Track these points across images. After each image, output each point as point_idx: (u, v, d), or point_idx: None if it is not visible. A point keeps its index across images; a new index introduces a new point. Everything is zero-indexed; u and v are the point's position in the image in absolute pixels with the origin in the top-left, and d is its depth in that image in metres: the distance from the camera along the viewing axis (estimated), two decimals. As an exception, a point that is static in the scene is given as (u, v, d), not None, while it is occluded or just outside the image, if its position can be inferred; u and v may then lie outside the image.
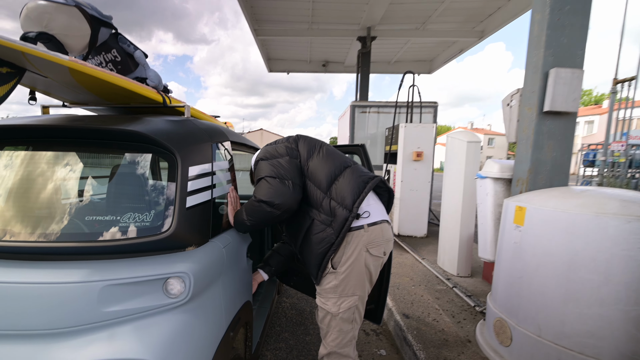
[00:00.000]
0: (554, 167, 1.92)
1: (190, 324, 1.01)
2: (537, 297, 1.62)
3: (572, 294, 1.48)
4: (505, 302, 1.83)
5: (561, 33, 1.78)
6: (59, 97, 1.55)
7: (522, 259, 1.71)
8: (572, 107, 1.80)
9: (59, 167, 1.14)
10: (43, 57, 0.97)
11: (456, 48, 7.68)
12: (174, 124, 1.23)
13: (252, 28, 6.56)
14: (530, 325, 1.65)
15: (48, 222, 1.01)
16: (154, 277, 0.96)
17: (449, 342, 2.10)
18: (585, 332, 1.45)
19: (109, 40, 1.43)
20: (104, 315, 0.91)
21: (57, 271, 0.91)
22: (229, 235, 1.35)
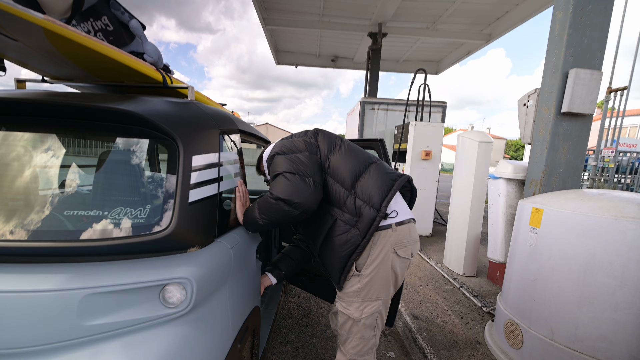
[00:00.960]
0: (567, 169, 1.90)
1: (192, 339, 0.87)
2: (551, 300, 1.60)
3: (587, 298, 1.47)
4: (517, 304, 1.82)
5: (582, 33, 1.75)
6: (37, 69, 1.29)
7: (537, 262, 1.70)
8: (589, 108, 1.77)
9: (33, 151, 0.96)
10: (7, 11, 0.76)
11: (464, 50, 7.68)
12: (175, 106, 1.06)
13: (261, 16, 6.48)
14: (542, 328, 1.64)
15: (19, 216, 0.84)
16: (148, 283, 0.81)
17: (458, 344, 2.09)
18: (598, 336, 1.44)
19: (99, 4, 1.22)
20: (85, 330, 0.76)
21: (27, 277, 0.75)
22: (237, 235, 1.21)
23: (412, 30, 6.94)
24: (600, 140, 5.64)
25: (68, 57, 1.05)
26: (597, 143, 5.64)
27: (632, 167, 6.43)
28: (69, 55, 1.03)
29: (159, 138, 0.96)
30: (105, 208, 0.88)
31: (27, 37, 0.92)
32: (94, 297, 0.76)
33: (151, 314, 0.82)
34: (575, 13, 1.73)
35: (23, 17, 0.78)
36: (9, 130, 0.94)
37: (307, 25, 6.77)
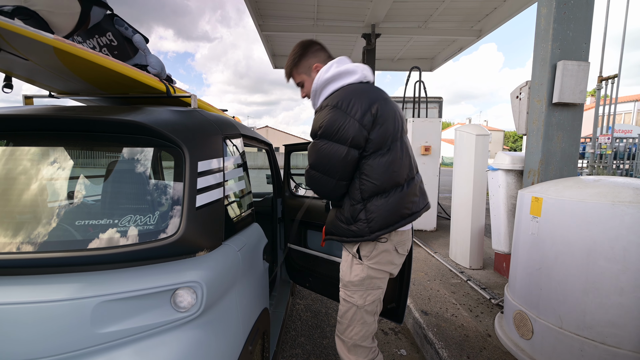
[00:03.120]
0: (563, 157, 1.93)
1: (204, 342, 0.88)
2: (557, 287, 1.63)
3: (592, 284, 1.49)
4: (525, 294, 1.84)
5: (567, 26, 1.80)
6: (45, 85, 1.35)
7: (540, 250, 1.72)
8: (579, 98, 1.81)
9: (43, 164, 0.99)
10: (21, 34, 0.81)
11: (456, 46, 7.84)
12: (179, 115, 1.09)
13: (257, 23, 6.61)
14: (551, 317, 1.66)
15: (31, 228, 0.86)
16: (159, 288, 0.82)
17: (469, 338, 2.11)
18: (606, 321, 1.46)
19: (103, 22, 1.29)
20: (99, 338, 0.76)
21: (40, 287, 0.76)
22: (243, 237, 1.23)
23: (405, 29, 7.05)
24: (596, 128, 5.69)
25: (76, 72, 1.10)
26: (593, 131, 5.69)
27: (629, 152, 6.45)
28: (77, 71, 1.08)
29: (165, 146, 0.99)
30: (115, 216, 0.90)
31: (38, 56, 0.97)
32: (107, 304, 0.77)
33: (163, 319, 0.82)
34: (559, 8, 1.78)
35: (34, 38, 0.83)
36: (22, 146, 0.98)
37: (302, 29, 6.90)
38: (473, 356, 1.92)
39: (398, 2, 5.85)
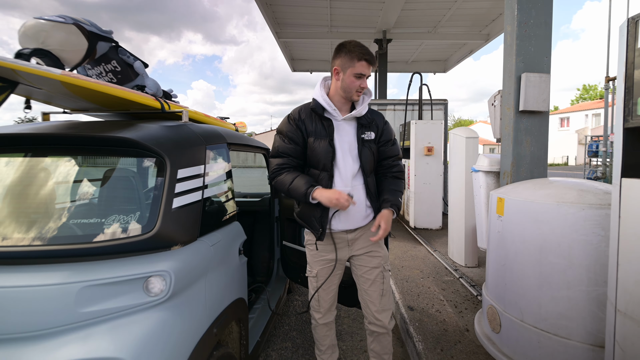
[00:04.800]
0: (532, 160, 2.05)
1: (169, 322, 1.01)
2: (517, 282, 1.75)
3: (544, 278, 1.62)
4: (495, 289, 1.96)
5: (529, 43, 1.95)
6: (60, 105, 1.61)
7: (504, 247, 1.85)
8: (542, 106, 1.93)
9: (43, 172, 1.15)
10: (33, 73, 1.03)
11: (466, 49, 7.93)
12: (167, 129, 1.26)
13: (274, 31, 6.96)
14: (514, 311, 1.78)
15: (29, 226, 1.02)
16: (134, 276, 0.96)
17: (448, 332, 2.22)
18: (557, 314, 1.58)
19: (109, 52, 1.51)
20: (80, 316, 0.90)
21: (34, 274, 0.91)
22: (220, 234, 1.37)
23: (415, 34, 7.24)
24: (606, 127, 5.48)
25: (83, 97, 1.34)
26: (604, 129, 5.49)
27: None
28: (84, 95, 1.31)
29: (150, 156, 1.15)
30: (103, 216, 1.06)
31: (49, 87, 1.21)
32: (88, 289, 0.91)
33: (136, 301, 0.97)
34: (520, 27, 1.94)
35: (43, 75, 1.05)
36: (35, 156, 1.19)
37: (317, 36, 7.24)
38: (447, 349, 2.05)
39: (407, 9, 6.04)
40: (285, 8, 6.09)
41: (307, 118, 1.46)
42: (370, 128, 1.51)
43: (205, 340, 1.13)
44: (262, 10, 5.92)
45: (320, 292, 1.58)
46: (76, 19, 1.34)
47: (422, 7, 5.99)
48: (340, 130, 1.47)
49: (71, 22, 1.31)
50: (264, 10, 5.93)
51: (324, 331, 1.66)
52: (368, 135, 1.50)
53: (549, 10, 2.02)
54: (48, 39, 1.27)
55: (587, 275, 1.47)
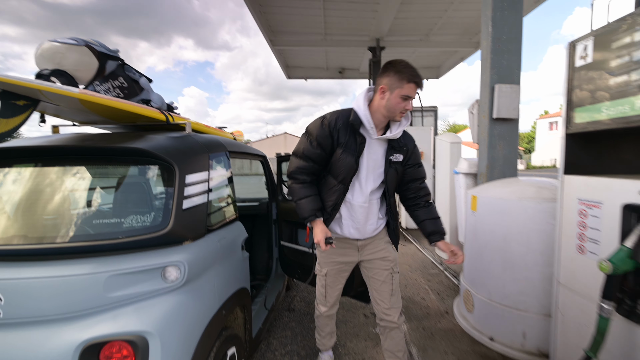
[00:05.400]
0: (505, 162, 2.33)
1: (185, 303, 1.17)
2: (487, 267, 2.03)
3: (508, 263, 1.89)
4: (470, 275, 2.24)
5: (501, 57, 2.22)
6: (69, 118, 1.72)
7: (477, 239, 2.13)
8: (513, 114, 2.22)
9: (72, 179, 1.30)
10: (56, 92, 1.16)
11: (458, 56, 8.15)
12: (173, 140, 1.38)
13: (268, 39, 6.92)
14: (484, 292, 2.06)
15: (64, 226, 1.18)
16: (153, 266, 1.12)
17: (430, 315, 2.50)
18: (518, 291, 1.86)
19: (117, 70, 1.61)
20: (109, 300, 1.06)
21: (70, 266, 1.06)
22: (224, 231, 1.54)
23: (408, 42, 7.41)
24: None
25: (95, 112, 1.47)
26: None
27: None
28: (96, 110, 1.44)
29: (162, 164, 1.28)
30: (124, 216, 1.20)
31: (66, 103, 1.34)
32: (115, 277, 1.07)
33: (155, 287, 1.13)
34: (494, 42, 2.21)
35: (64, 94, 1.18)
36: (57, 166, 1.33)
37: (312, 44, 7.28)
38: (428, 328, 2.32)
39: (399, 18, 6.26)
40: (279, 16, 6.12)
41: (342, 128, 1.41)
42: (399, 151, 1.50)
43: (216, 319, 1.32)
44: (255, 19, 5.93)
45: (328, 289, 1.70)
46: (86, 41, 1.46)
47: (414, 15, 6.21)
48: (370, 149, 1.46)
49: (83, 44, 1.43)
50: (257, 18, 5.95)
51: (326, 321, 1.82)
52: (396, 158, 1.49)
53: (519, 28, 2.30)
54: (63, 60, 1.39)
55: (541, 258, 1.75)
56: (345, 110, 1.47)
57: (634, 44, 1.10)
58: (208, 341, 1.26)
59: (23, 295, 1.03)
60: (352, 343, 2.32)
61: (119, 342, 1.02)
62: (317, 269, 1.71)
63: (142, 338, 1.04)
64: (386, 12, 5.80)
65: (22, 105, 1.24)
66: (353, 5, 5.68)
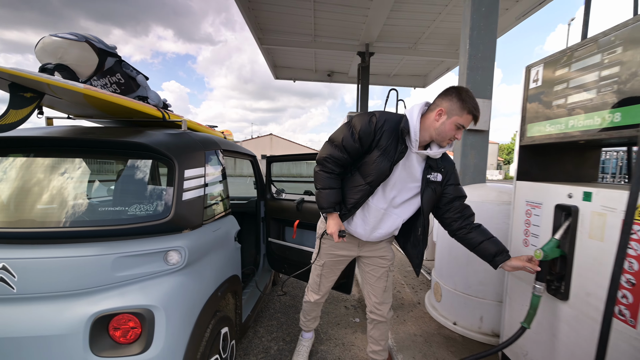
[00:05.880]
0: (475, 169, 2.59)
1: (185, 283, 1.31)
2: (453, 262, 2.27)
3: (471, 257, 2.09)
4: (439, 269, 2.48)
5: (476, 73, 2.47)
6: (64, 110, 1.75)
7: (446, 238, 2.35)
8: (484, 126, 2.48)
9: (84, 170, 1.41)
10: (63, 87, 1.22)
11: (444, 66, 8.42)
12: (173, 137, 1.47)
13: (257, 37, 6.85)
14: (450, 283, 2.30)
15: (75, 214, 1.27)
16: (156, 250, 1.24)
17: (404, 305, 2.73)
18: (478, 282, 2.11)
19: (114, 66, 1.65)
20: (117, 279, 1.17)
21: (80, 249, 1.17)
22: (219, 223, 1.67)
23: (397, 49, 7.61)
24: None
25: (95, 106, 1.53)
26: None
27: None
28: (96, 105, 1.50)
29: (162, 159, 1.38)
30: (131, 205, 1.30)
31: (69, 97, 1.40)
32: (122, 258, 1.19)
33: (158, 269, 1.25)
34: (470, 59, 2.46)
35: (70, 88, 1.25)
36: (65, 157, 1.41)
37: (301, 45, 7.29)
38: (401, 316, 2.54)
39: (389, 25, 6.48)
40: (268, 14, 6.02)
41: (387, 132, 1.37)
42: (437, 170, 1.47)
43: (212, 299, 1.47)
44: (243, 15, 5.79)
45: (322, 279, 1.78)
46: (86, 37, 1.50)
47: (403, 23, 6.40)
48: (407, 160, 1.43)
49: (83, 39, 1.47)
50: (246, 14, 5.82)
51: (314, 307, 1.94)
52: (434, 177, 1.46)
53: (493, 48, 2.56)
54: (65, 55, 1.43)
55: (499, 253, 1.99)
56: (394, 114, 1.43)
57: (569, 74, 1.34)
58: (205, 318, 1.39)
59: (36, 273, 1.12)
60: (333, 330, 2.52)
61: (127, 314, 1.15)
62: (314, 258, 1.77)
63: (149, 311, 1.17)
64: (376, 18, 5.95)
65: (29, 97, 1.30)
66: (343, 9, 5.81)
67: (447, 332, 2.24)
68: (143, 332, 1.15)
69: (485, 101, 2.47)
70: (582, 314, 1.29)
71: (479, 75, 2.49)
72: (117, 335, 1.14)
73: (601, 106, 1.20)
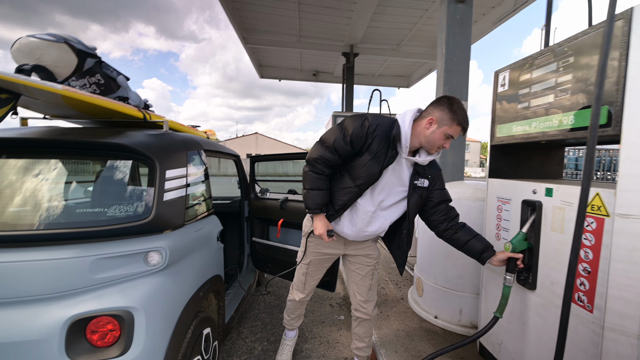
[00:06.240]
0: (454, 168, 2.68)
1: (167, 283, 1.30)
2: (434, 257, 2.35)
3: (450, 252, 2.21)
4: (421, 265, 2.56)
5: (452, 76, 2.58)
6: (38, 110, 1.71)
7: (427, 233, 2.43)
8: (460, 125, 2.57)
9: (58, 172, 1.37)
10: (40, 88, 1.19)
11: (426, 67, 8.64)
12: (154, 137, 1.47)
13: (241, 36, 6.84)
14: (431, 278, 2.38)
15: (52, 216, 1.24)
16: (136, 251, 1.23)
17: (387, 301, 2.79)
18: (457, 276, 2.19)
19: (94, 67, 1.63)
20: (94, 281, 1.15)
21: (56, 251, 1.14)
22: (201, 223, 1.68)
23: (380, 51, 7.76)
24: None
25: (73, 107, 1.51)
26: None
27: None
28: (75, 106, 1.48)
29: (143, 160, 1.37)
30: (110, 206, 1.29)
31: (47, 98, 1.38)
32: (101, 260, 1.18)
33: (138, 270, 1.24)
34: (447, 63, 2.56)
35: (48, 90, 1.22)
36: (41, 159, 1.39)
37: (286, 45, 7.33)
38: (385, 312, 2.60)
39: (372, 27, 6.60)
40: (253, 14, 6.02)
41: (380, 136, 1.38)
42: (424, 176, 1.51)
43: (194, 299, 1.47)
44: (228, 14, 5.77)
45: (308, 278, 1.78)
46: (65, 37, 1.47)
47: (386, 25, 6.55)
48: (396, 165, 1.46)
49: (62, 40, 1.45)
50: (230, 14, 5.79)
51: (298, 305, 1.92)
52: (421, 183, 1.50)
53: (468, 52, 2.69)
54: (43, 55, 1.41)
55: (474, 247, 2.08)
56: (386, 119, 1.44)
57: (531, 80, 1.43)
58: (187, 319, 1.40)
59: (8, 277, 1.08)
60: (317, 329, 2.55)
61: (105, 317, 1.14)
62: (300, 257, 1.77)
63: (128, 313, 1.16)
64: (360, 19, 6.06)
65: (5, 98, 1.28)
66: (328, 11, 5.90)
67: (429, 325, 2.32)
68: (122, 335, 1.15)
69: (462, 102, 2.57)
70: (547, 302, 1.38)
71: (455, 78, 2.59)
72: (94, 338, 1.13)
73: (558, 109, 1.29)
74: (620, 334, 1.09)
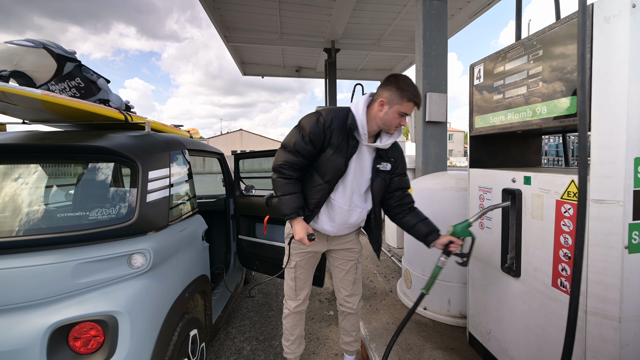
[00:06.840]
0: (436, 159, 2.74)
1: (151, 286, 1.29)
2: (420, 249, 2.37)
3: (436, 242, 2.26)
4: (408, 257, 2.60)
5: (431, 69, 2.62)
6: (16, 115, 1.71)
7: (413, 224, 2.48)
8: (442, 118, 2.63)
9: (39, 176, 1.36)
10: (19, 94, 1.18)
11: (407, 61, 8.79)
12: (136, 139, 1.46)
13: (222, 35, 6.78)
14: (418, 269, 2.42)
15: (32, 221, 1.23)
16: (119, 254, 1.21)
17: (377, 294, 2.82)
18: (443, 265, 2.23)
19: (74, 70, 1.63)
20: (77, 286, 1.13)
21: (36, 257, 1.12)
22: (185, 223, 1.67)
23: (361, 45, 7.83)
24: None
25: (53, 111, 1.50)
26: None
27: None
28: (55, 110, 1.47)
29: (125, 162, 1.37)
30: (92, 209, 1.26)
31: (26, 104, 1.37)
32: (83, 265, 1.15)
33: (122, 273, 1.23)
34: (425, 57, 2.60)
35: (28, 96, 1.21)
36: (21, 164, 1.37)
37: (267, 42, 7.31)
38: (374, 305, 2.63)
39: (352, 23, 6.64)
40: (233, 12, 5.99)
41: (337, 129, 1.40)
42: (387, 160, 1.52)
43: (180, 300, 1.45)
44: (208, 13, 5.73)
45: (298, 282, 1.70)
46: (44, 43, 1.47)
47: (366, 21, 6.63)
48: (359, 154, 1.48)
49: (40, 46, 1.45)
50: (210, 13, 5.75)
51: (295, 320, 1.77)
52: (384, 167, 1.52)
53: (445, 46, 2.74)
54: (22, 61, 1.41)
55: (459, 237, 2.13)
56: (341, 110, 1.46)
57: (504, 72, 1.47)
58: (172, 321, 1.38)
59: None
60: (307, 325, 2.55)
61: (88, 322, 1.12)
62: (286, 262, 1.72)
63: (112, 317, 1.14)
64: (340, 16, 6.11)
65: None
66: (308, 8, 5.90)
67: (418, 317, 2.36)
68: (106, 340, 1.13)
69: (441, 95, 2.62)
70: (532, 288, 1.42)
71: (434, 71, 2.64)
72: (77, 345, 1.10)
73: (531, 100, 1.33)
74: (603, 318, 1.13)
